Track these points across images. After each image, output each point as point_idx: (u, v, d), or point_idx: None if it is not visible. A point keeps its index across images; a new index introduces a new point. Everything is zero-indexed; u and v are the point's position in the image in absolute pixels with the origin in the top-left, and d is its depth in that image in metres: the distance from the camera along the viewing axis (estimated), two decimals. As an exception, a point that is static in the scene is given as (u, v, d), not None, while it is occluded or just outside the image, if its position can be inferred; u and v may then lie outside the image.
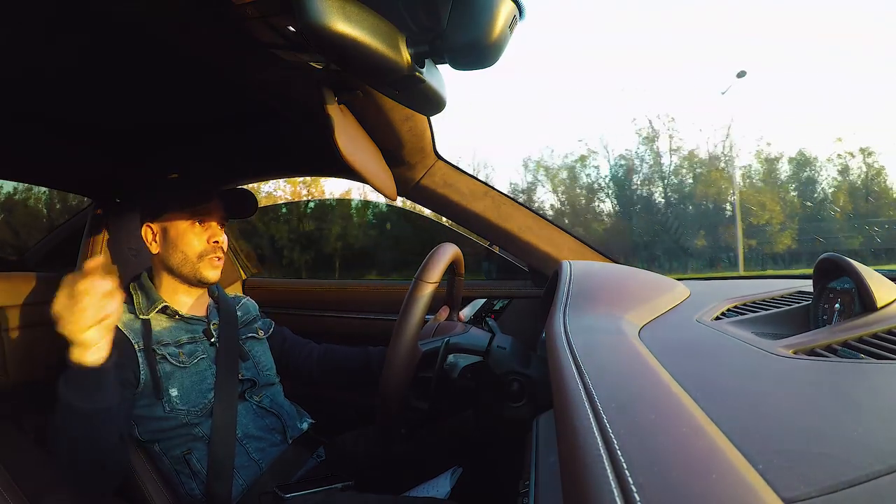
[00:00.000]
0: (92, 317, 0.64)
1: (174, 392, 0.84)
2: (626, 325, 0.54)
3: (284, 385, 1.04)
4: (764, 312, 0.63)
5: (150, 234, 0.92)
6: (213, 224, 0.93)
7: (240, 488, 0.84)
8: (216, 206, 0.93)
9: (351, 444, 0.99)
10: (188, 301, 0.94)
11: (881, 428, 0.28)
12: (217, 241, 0.92)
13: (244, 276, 1.68)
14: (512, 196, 1.17)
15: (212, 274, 0.93)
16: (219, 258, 0.93)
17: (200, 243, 0.91)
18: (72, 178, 1.16)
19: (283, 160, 1.20)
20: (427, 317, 0.84)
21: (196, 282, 0.92)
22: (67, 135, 0.92)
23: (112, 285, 0.67)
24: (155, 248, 0.92)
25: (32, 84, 0.71)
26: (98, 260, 0.67)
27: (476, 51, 0.47)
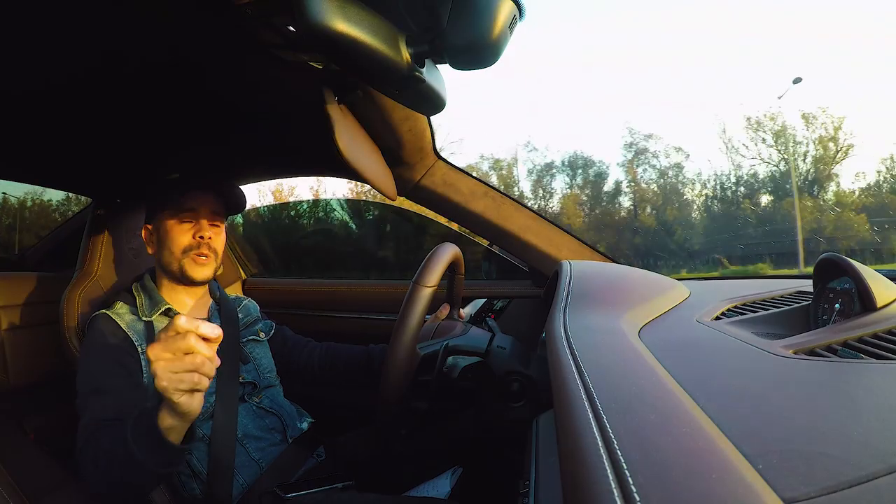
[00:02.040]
0: (189, 379, 0.55)
1: None
2: (626, 325, 0.54)
3: (284, 385, 1.03)
4: (764, 312, 0.63)
5: (147, 235, 0.93)
6: (202, 220, 0.91)
7: (240, 488, 0.84)
8: (204, 202, 0.92)
9: (351, 444, 0.99)
10: (190, 302, 0.94)
11: (881, 428, 0.28)
12: (202, 237, 0.90)
13: (244, 276, 1.68)
14: (512, 196, 1.17)
15: (196, 271, 0.90)
16: (204, 255, 0.90)
17: (185, 239, 0.89)
18: (72, 178, 1.16)
19: (283, 160, 1.19)
20: (427, 316, 0.84)
21: (184, 280, 0.91)
22: (68, 134, 0.91)
23: (212, 350, 0.56)
24: (150, 249, 0.92)
25: (32, 84, 0.71)
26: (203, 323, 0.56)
27: (476, 51, 0.47)
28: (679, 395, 0.33)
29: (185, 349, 0.54)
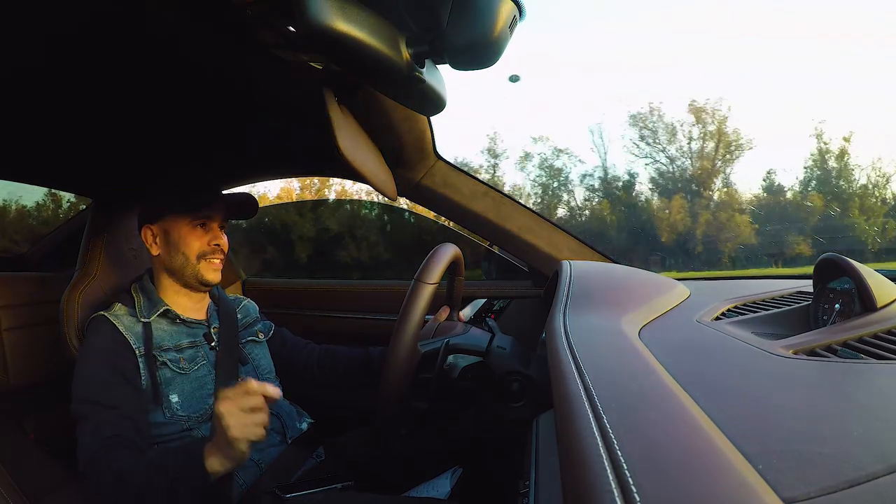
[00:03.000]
0: (255, 432, 0.64)
1: (174, 398, 0.84)
2: (626, 325, 0.54)
3: (284, 385, 1.03)
4: (764, 312, 0.63)
5: (150, 236, 0.91)
6: (214, 226, 0.92)
7: (239, 488, 0.84)
8: (217, 208, 0.93)
9: (351, 444, 0.99)
10: (189, 304, 0.94)
11: (881, 428, 0.28)
12: (218, 244, 0.92)
13: (244, 277, 1.68)
14: (512, 196, 1.17)
15: (212, 276, 0.92)
16: (219, 259, 0.93)
17: (201, 245, 0.91)
18: (72, 178, 1.16)
19: (283, 160, 1.19)
20: (427, 317, 0.84)
21: (197, 284, 0.92)
22: (68, 135, 0.91)
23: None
24: (155, 251, 0.91)
25: (33, 84, 0.71)
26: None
27: (476, 51, 0.47)
28: (679, 395, 0.33)
29: (255, 406, 0.65)
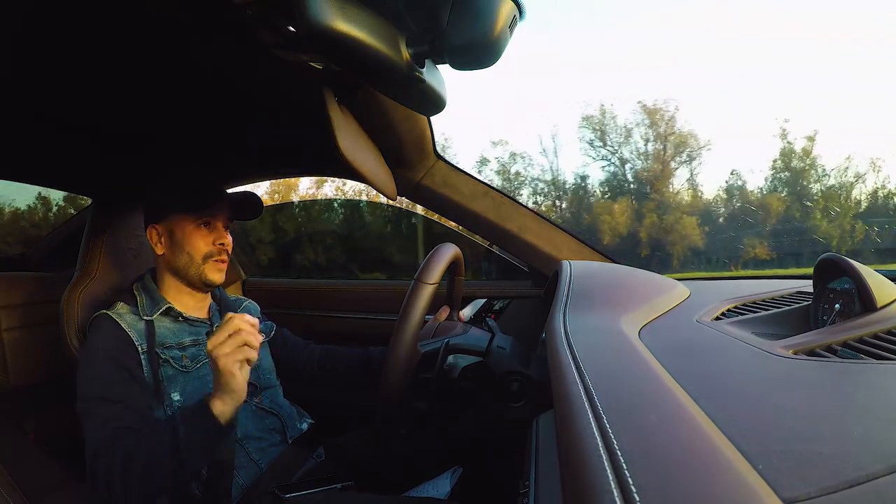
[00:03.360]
0: (242, 353, 0.69)
1: (176, 396, 0.84)
2: (626, 325, 0.54)
3: (284, 385, 1.03)
4: (764, 312, 0.63)
5: (155, 235, 0.92)
6: (219, 226, 0.92)
7: (240, 488, 0.84)
8: (221, 208, 0.93)
9: (351, 444, 0.99)
10: (192, 302, 0.94)
11: (881, 428, 0.28)
12: (222, 244, 0.92)
13: (244, 277, 1.68)
14: (512, 196, 1.17)
15: (217, 276, 0.92)
16: (223, 260, 0.93)
17: (206, 245, 0.91)
18: (72, 178, 1.16)
19: (284, 160, 1.19)
20: (427, 317, 0.84)
21: (201, 284, 0.92)
22: (68, 135, 0.91)
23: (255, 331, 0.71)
24: (160, 250, 0.92)
25: (33, 84, 0.71)
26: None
27: (476, 51, 0.47)
28: (679, 395, 0.33)
29: (234, 328, 0.69)
